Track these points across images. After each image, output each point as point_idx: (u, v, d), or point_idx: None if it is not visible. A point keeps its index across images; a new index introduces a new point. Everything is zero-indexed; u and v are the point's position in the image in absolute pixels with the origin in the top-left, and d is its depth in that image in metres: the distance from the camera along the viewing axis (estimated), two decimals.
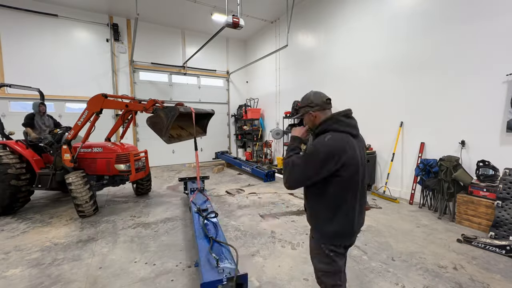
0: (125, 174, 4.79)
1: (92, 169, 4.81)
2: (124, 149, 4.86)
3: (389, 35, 5.54)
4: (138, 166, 5.01)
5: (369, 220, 4.26)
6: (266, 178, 7.12)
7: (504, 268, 2.85)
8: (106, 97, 4.28)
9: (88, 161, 4.82)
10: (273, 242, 3.52)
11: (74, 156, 4.58)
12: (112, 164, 4.68)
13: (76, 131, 4.52)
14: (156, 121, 3.87)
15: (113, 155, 4.69)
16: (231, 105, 11.42)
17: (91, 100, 4.33)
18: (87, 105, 4.37)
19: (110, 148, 4.79)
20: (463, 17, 4.33)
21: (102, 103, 4.28)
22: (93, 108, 4.34)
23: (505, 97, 3.88)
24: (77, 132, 4.55)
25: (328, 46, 7.12)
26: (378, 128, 5.91)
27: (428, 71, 4.88)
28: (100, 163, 4.76)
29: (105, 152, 4.77)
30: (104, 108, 4.36)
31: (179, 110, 3.77)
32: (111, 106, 4.44)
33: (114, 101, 4.45)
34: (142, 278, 2.72)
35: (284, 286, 2.58)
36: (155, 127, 3.90)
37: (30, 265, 3.02)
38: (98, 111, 4.35)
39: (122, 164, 4.69)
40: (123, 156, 4.73)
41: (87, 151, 4.81)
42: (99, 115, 4.45)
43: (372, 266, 2.90)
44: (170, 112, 3.79)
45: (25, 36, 7.47)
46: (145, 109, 4.10)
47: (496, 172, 3.86)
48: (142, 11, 7.81)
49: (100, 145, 4.89)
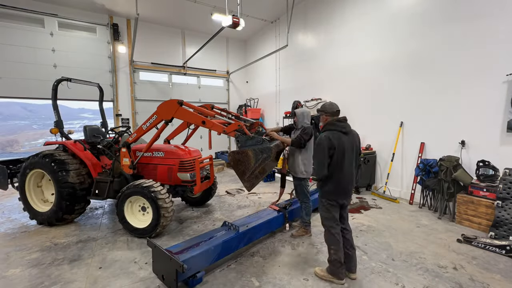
0: (189, 185, 4.10)
1: (153, 177, 4.08)
2: (189, 154, 4.09)
3: (389, 35, 5.55)
4: (203, 175, 4.28)
5: (369, 220, 4.26)
6: (266, 178, 7.12)
7: (504, 268, 2.85)
8: (182, 105, 3.56)
9: (149, 167, 4.14)
10: (273, 242, 3.52)
11: (134, 162, 3.99)
12: (174, 172, 3.97)
13: (139, 134, 3.92)
14: (241, 159, 3.06)
15: (176, 162, 3.98)
16: (231, 105, 11.41)
17: (163, 106, 3.67)
18: (157, 110, 3.72)
19: (173, 153, 4.06)
20: (463, 17, 4.33)
21: (176, 112, 3.57)
22: (164, 115, 3.67)
23: (505, 97, 3.88)
24: (140, 136, 3.95)
25: (328, 46, 7.12)
26: (378, 128, 5.92)
27: (428, 71, 4.88)
28: (162, 170, 4.06)
29: (167, 157, 4.05)
30: (177, 118, 3.64)
31: (273, 151, 3.01)
32: (185, 117, 3.56)
33: (189, 112, 3.54)
34: (142, 278, 2.72)
35: (284, 286, 2.57)
36: (237, 166, 3.10)
37: (30, 265, 3.02)
38: (169, 119, 3.67)
39: (186, 173, 3.96)
40: (187, 163, 3.99)
41: (147, 155, 4.13)
42: (169, 123, 3.78)
43: (372, 266, 2.90)
44: (261, 153, 2.98)
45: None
46: (225, 132, 3.33)
47: (496, 172, 3.86)
48: (142, 11, 7.81)
49: (162, 148, 4.16)
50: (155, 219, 3.48)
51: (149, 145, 4.00)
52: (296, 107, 7.89)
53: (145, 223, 3.61)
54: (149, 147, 4.01)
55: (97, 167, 4.32)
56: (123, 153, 3.97)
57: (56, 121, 4.39)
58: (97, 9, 8.21)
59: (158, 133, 3.88)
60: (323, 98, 7.15)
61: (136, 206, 3.74)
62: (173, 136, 4.81)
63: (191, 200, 5.06)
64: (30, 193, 4.27)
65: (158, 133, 3.87)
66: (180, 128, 4.64)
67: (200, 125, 3.48)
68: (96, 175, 4.23)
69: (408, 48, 5.20)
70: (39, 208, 4.19)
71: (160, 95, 9.67)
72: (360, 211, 4.71)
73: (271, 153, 2.96)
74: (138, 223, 3.69)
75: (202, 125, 3.42)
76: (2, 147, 26.20)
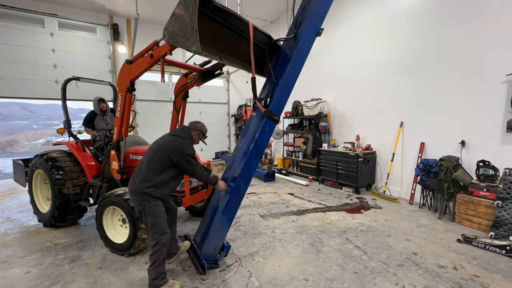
0: (179, 196, 3.53)
1: None
2: None
3: (389, 35, 5.55)
4: (198, 183, 3.78)
5: (369, 220, 4.26)
6: (266, 178, 7.12)
7: (504, 268, 2.85)
8: (131, 62, 3.17)
9: None
10: (273, 242, 3.52)
11: (121, 165, 3.57)
12: None
13: (119, 127, 3.44)
14: (176, 25, 2.31)
15: None
16: (231, 105, 11.42)
17: (119, 76, 3.33)
18: (117, 87, 3.38)
19: None
20: (463, 17, 4.33)
21: (129, 71, 3.17)
22: (123, 85, 3.26)
23: (505, 97, 3.88)
24: (121, 128, 3.46)
25: (328, 46, 7.11)
26: (378, 128, 5.92)
27: (428, 71, 4.88)
28: None
29: None
30: (134, 79, 3.22)
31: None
32: (139, 68, 3.13)
33: (139, 61, 3.11)
34: (142, 278, 2.72)
35: (284, 286, 2.57)
36: (176, 37, 2.34)
37: (30, 265, 3.02)
38: (128, 86, 3.23)
39: None
40: None
41: (136, 158, 3.73)
42: (132, 93, 3.32)
43: (372, 266, 2.90)
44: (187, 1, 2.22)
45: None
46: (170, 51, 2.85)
47: (496, 172, 3.86)
48: (142, 11, 7.81)
49: None
50: (133, 234, 3.00)
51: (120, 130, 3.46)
52: (296, 107, 7.89)
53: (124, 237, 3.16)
54: (121, 131, 3.47)
55: (93, 169, 4.07)
56: (112, 156, 3.63)
57: (64, 120, 4.33)
58: (97, 9, 8.21)
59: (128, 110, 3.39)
60: (323, 98, 7.15)
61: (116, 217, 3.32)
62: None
63: (195, 210, 4.47)
64: (37, 190, 4.31)
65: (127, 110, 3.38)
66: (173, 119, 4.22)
67: (150, 62, 2.97)
68: (91, 178, 4.01)
69: (408, 48, 5.19)
70: (42, 209, 4.21)
71: (160, 95, 9.67)
72: (360, 211, 4.71)
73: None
74: (117, 236, 3.25)
75: (151, 59, 2.95)
76: (2, 147, 26.18)
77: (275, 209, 4.84)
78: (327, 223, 4.14)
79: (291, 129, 8.49)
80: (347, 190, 6.04)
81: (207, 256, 2.81)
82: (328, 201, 5.29)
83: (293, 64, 2.73)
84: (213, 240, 2.80)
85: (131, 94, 3.33)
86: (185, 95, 4.21)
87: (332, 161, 6.32)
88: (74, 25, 8.14)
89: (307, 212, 4.65)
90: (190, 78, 4.02)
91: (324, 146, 6.70)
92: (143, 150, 3.77)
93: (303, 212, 4.68)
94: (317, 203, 5.17)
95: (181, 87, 4.12)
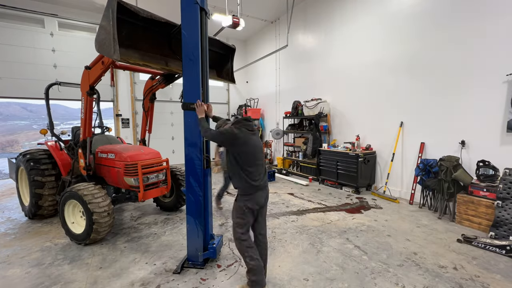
0: (137, 191, 3.78)
1: (108, 179, 4.05)
2: (133, 157, 3.78)
3: (389, 35, 5.55)
4: (158, 179, 4.01)
5: (369, 220, 4.26)
6: (266, 178, 7.11)
7: (504, 268, 2.85)
8: (90, 68, 3.50)
9: (104, 169, 4.01)
10: (273, 242, 3.52)
11: (87, 162, 3.86)
12: (121, 176, 3.75)
13: (84, 127, 3.74)
14: (101, 35, 2.64)
15: (122, 165, 3.73)
16: (231, 105, 11.42)
17: (81, 81, 3.66)
18: (80, 89, 3.70)
19: (122, 155, 3.79)
20: (463, 17, 4.33)
21: (88, 78, 3.51)
22: (84, 88, 3.61)
23: (505, 97, 3.88)
24: (85, 128, 3.74)
25: (328, 46, 7.11)
26: (378, 128, 5.92)
27: (428, 71, 4.88)
28: (113, 173, 3.88)
29: (116, 159, 3.83)
30: (93, 84, 3.54)
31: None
32: (97, 72, 3.44)
33: (96, 66, 3.44)
34: (142, 278, 2.72)
35: (284, 286, 2.58)
36: (102, 47, 2.69)
37: (30, 265, 3.02)
38: (88, 90, 3.57)
39: (131, 178, 3.71)
40: (131, 166, 3.72)
41: (103, 156, 4.00)
42: (93, 96, 3.67)
43: (372, 266, 2.90)
44: (107, 8, 2.49)
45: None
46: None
47: (496, 172, 3.86)
48: None
49: (115, 150, 3.94)
50: (88, 225, 3.29)
51: (85, 130, 3.77)
52: (296, 107, 7.89)
53: (82, 228, 3.45)
54: (85, 130, 3.78)
55: (67, 167, 4.34)
56: (79, 154, 3.94)
57: (47, 122, 4.64)
58: (97, 9, 8.20)
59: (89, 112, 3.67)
60: (323, 98, 7.16)
61: (77, 209, 3.60)
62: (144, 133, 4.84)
63: (164, 205, 4.80)
64: (22, 184, 4.74)
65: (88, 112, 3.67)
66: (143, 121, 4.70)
67: (103, 68, 3.31)
68: (65, 175, 4.29)
69: (408, 48, 5.19)
70: (25, 201, 4.59)
71: (160, 95, 9.59)
72: (360, 211, 4.71)
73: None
74: (77, 227, 3.56)
75: (102, 65, 3.30)
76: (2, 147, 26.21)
77: (275, 209, 4.84)
78: (327, 223, 4.14)
79: (291, 129, 8.50)
80: (347, 190, 6.04)
81: (192, 257, 2.93)
82: (328, 201, 5.29)
83: (185, 45, 2.74)
84: (190, 242, 2.92)
85: (92, 98, 3.69)
86: (152, 96, 4.63)
87: (332, 161, 6.32)
88: (74, 25, 8.14)
89: (307, 212, 4.65)
90: (156, 81, 4.42)
91: (324, 146, 6.71)
92: (111, 149, 4.02)
93: (303, 212, 4.68)
94: (317, 203, 5.17)
95: (148, 89, 4.52)
